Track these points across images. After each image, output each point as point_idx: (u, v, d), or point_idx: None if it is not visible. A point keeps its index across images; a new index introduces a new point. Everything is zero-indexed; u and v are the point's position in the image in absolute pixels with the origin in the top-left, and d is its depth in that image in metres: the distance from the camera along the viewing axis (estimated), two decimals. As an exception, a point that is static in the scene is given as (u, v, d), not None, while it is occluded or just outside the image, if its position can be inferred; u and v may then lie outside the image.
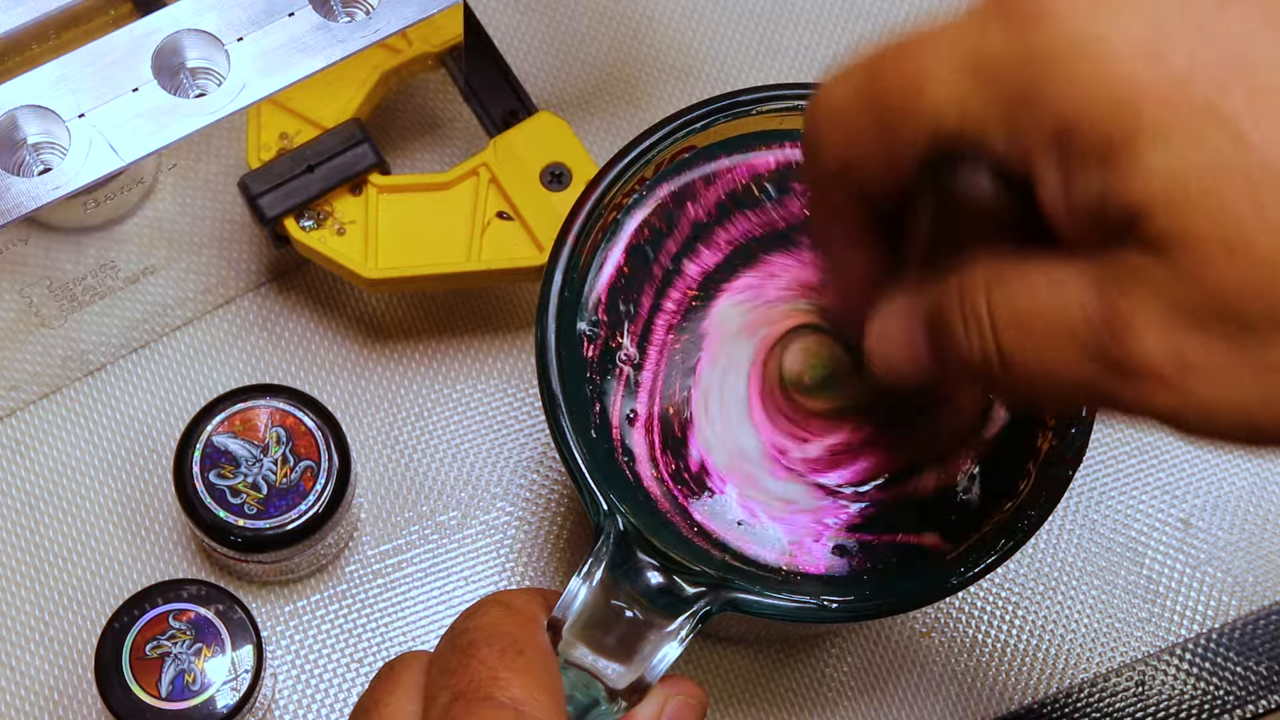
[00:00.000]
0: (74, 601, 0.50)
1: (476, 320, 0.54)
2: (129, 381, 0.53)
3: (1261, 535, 0.53)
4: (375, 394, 0.53)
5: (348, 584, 0.51)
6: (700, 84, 0.58)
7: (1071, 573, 0.52)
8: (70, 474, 0.52)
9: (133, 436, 0.52)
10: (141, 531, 0.51)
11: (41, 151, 0.43)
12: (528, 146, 0.49)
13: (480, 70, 0.51)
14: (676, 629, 0.36)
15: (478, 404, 0.53)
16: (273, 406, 0.47)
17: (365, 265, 0.48)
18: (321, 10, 0.45)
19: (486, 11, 0.57)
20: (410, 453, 0.53)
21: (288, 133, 0.48)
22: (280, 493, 0.46)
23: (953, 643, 0.52)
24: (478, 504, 0.52)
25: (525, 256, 0.49)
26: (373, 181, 0.49)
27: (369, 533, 0.52)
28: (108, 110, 0.43)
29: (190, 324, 0.53)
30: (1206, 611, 0.52)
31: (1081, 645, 0.52)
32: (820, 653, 0.51)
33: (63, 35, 0.47)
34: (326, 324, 0.54)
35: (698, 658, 0.51)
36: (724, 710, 0.50)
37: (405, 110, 0.56)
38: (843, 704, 0.51)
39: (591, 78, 0.57)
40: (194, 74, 0.45)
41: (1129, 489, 0.54)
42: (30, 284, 0.47)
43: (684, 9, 0.59)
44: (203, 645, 0.45)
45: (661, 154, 0.41)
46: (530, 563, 0.52)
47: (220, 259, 0.52)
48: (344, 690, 0.50)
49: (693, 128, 0.41)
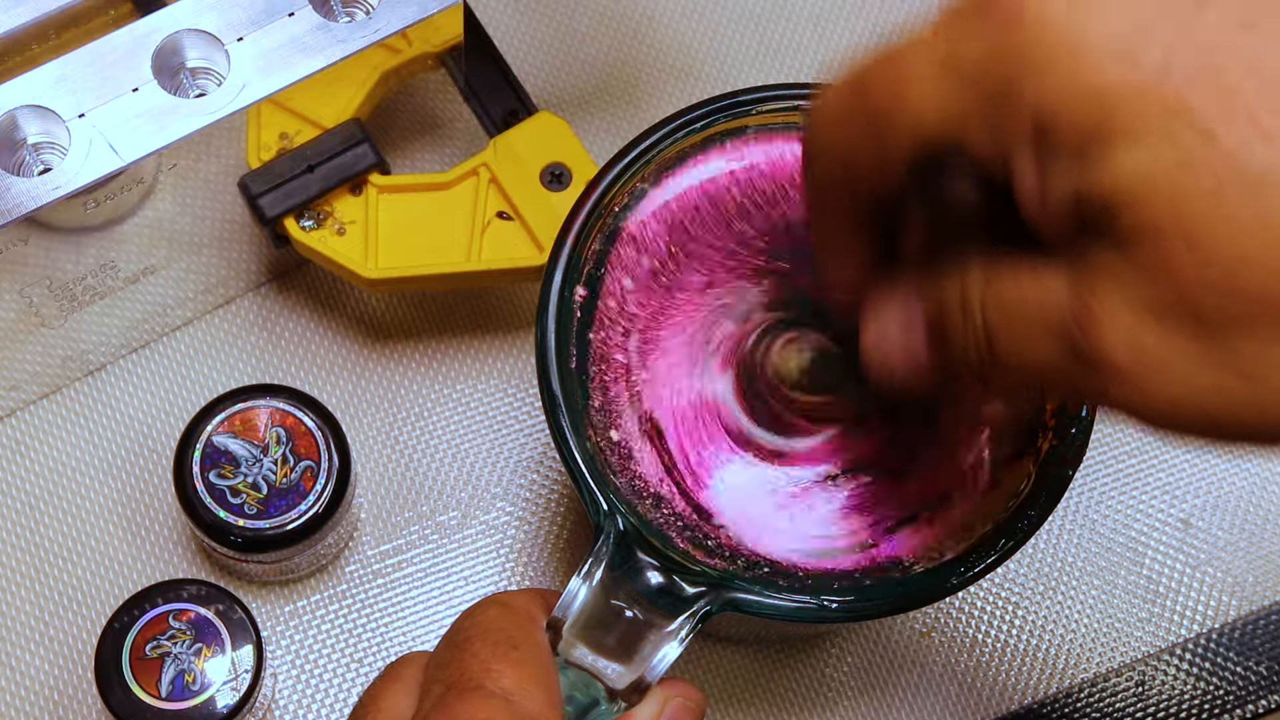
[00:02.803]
0: (74, 601, 0.50)
1: (476, 320, 0.54)
2: (129, 381, 0.53)
3: (1261, 535, 0.53)
4: (375, 394, 0.53)
5: (348, 584, 0.51)
6: (700, 84, 0.58)
7: (1071, 573, 0.52)
8: (70, 474, 0.52)
9: (133, 436, 0.52)
10: (141, 531, 0.51)
11: (41, 151, 0.43)
12: (528, 146, 0.49)
13: (480, 70, 0.51)
14: (676, 629, 0.36)
15: (478, 404, 0.53)
16: (273, 406, 0.47)
17: (365, 265, 0.48)
18: (321, 10, 0.45)
19: (486, 11, 0.57)
20: (410, 453, 0.53)
21: (288, 133, 0.48)
22: (280, 493, 0.46)
23: (953, 643, 0.52)
24: (478, 504, 0.52)
25: (525, 256, 0.49)
26: (373, 181, 0.49)
27: (369, 533, 0.52)
28: (108, 110, 0.43)
29: (190, 324, 0.53)
30: (1206, 611, 0.52)
31: (1081, 645, 0.52)
32: (820, 653, 0.51)
33: (63, 35, 0.47)
34: (326, 324, 0.54)
35: (698, 658, 0.51)
36: (724, 710, 0.50)
37: (405, 110, 0.56)
38: (843, 704, 0.51)
39: (591, 78, 0.58)
40: (194, 74, 0.45)
41: (1129, 489, 0.54)
42: (30, 284, 0.47)
43: (684, 9, 0.59)
44: (203, 645, 0.45)
45: (662, 154, 0.41)
46: (530, 563, 0.52)
47: (220, 259, 0.52)
48: (344, 690, 0.50)
49: (693, 128, 0.41)
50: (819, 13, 0.59)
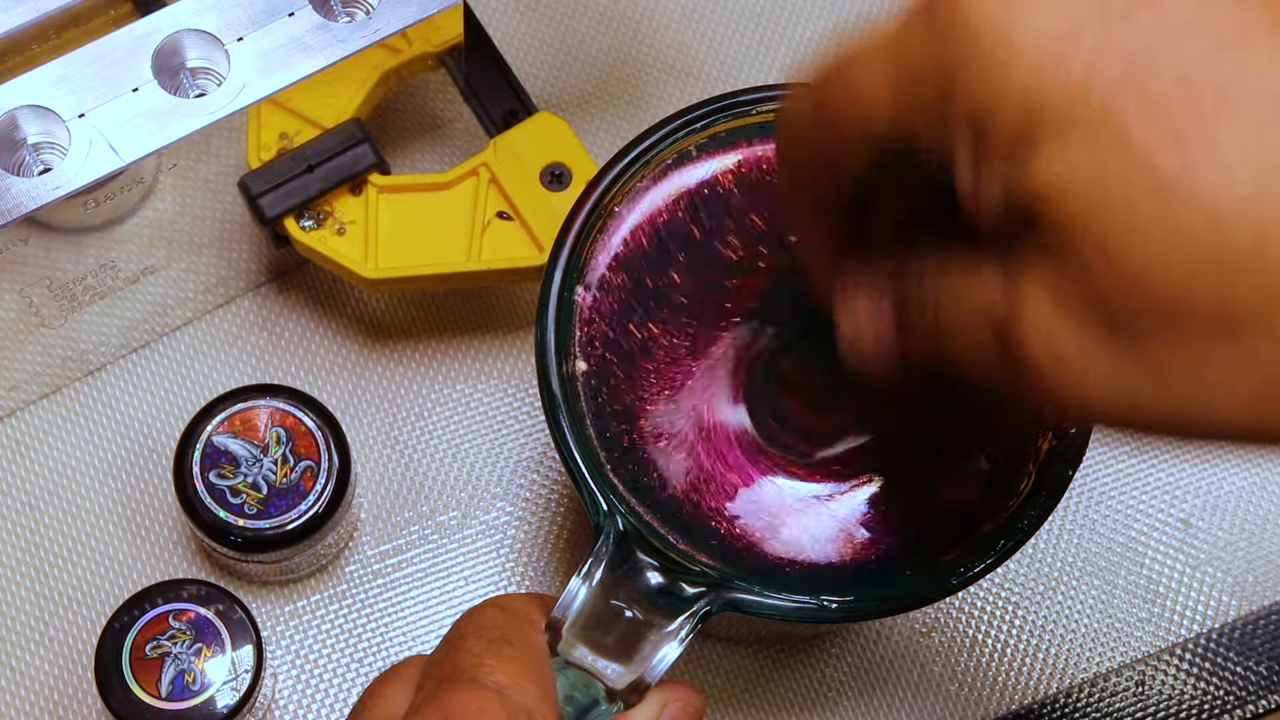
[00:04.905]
0: (74, 601, 0.50)
1: (476, 320, 0.54)
2: (129, 381, 0.53)
3: (1261, 535, 0.53)
4: (375, 394, 0.53)
5: (348, 584, 0.51)
6: (700, 84, 0.58)
7: (1071, 573, 0.52)
8: (70, 474, 0.52)
9: (133, 436, 0.52)
10: (141, 531, 0.51)
11: (41, 151, 0.43)
12: (528, 146, 0.49)
13: (480, 70, 0.51)
14: (676, 629, 0.36)
15: (478, 404, 0.53)
16: (273, 406, 0.47)
17: (365, 265, 0.48)
18: (321, 10, 0.45)
19: (486, 11, 0.57)
20: (410, 453, 0.53)
21: (288, 133, 0.48)
22: (280, 493, 0.46)
23: (953, 643, 0.52)
24: (478, 504, 0.52)
25: (525, 256, 0.49)
26: (373, 181, 0.49)
27: (369, 533, 0.52)
28: (108, 110, 0.43)
29: (190, 324, 0.53)
30: (1206, 611, 0.52)
31: (1081, 645, 0.52)
32: (820, 653, 0.51)
33: (63, 35, 0.47)
34: (326, 324, 0.54)
35: (698, 658, 0.51)
36: (724, 710, 0.50)
37: (405, 110, 0.56)
38: (843, 704, 0.51)
39: (591, 78, 0.58)
40: (194, 74, 0.45)
41: (1129, 489, 0.54)
42: (30, 284, 0.47)
43: (684, 9, 0.59)
44: (203, 645, 0.45)
45: (662, 154, 0.41)
46: (530, 563, 0.52)
47: (220, 259, 0.52)
48: (344, 690, 0.50)
49: (693, 128, 0.41)
50: (819, 13, 0.59)
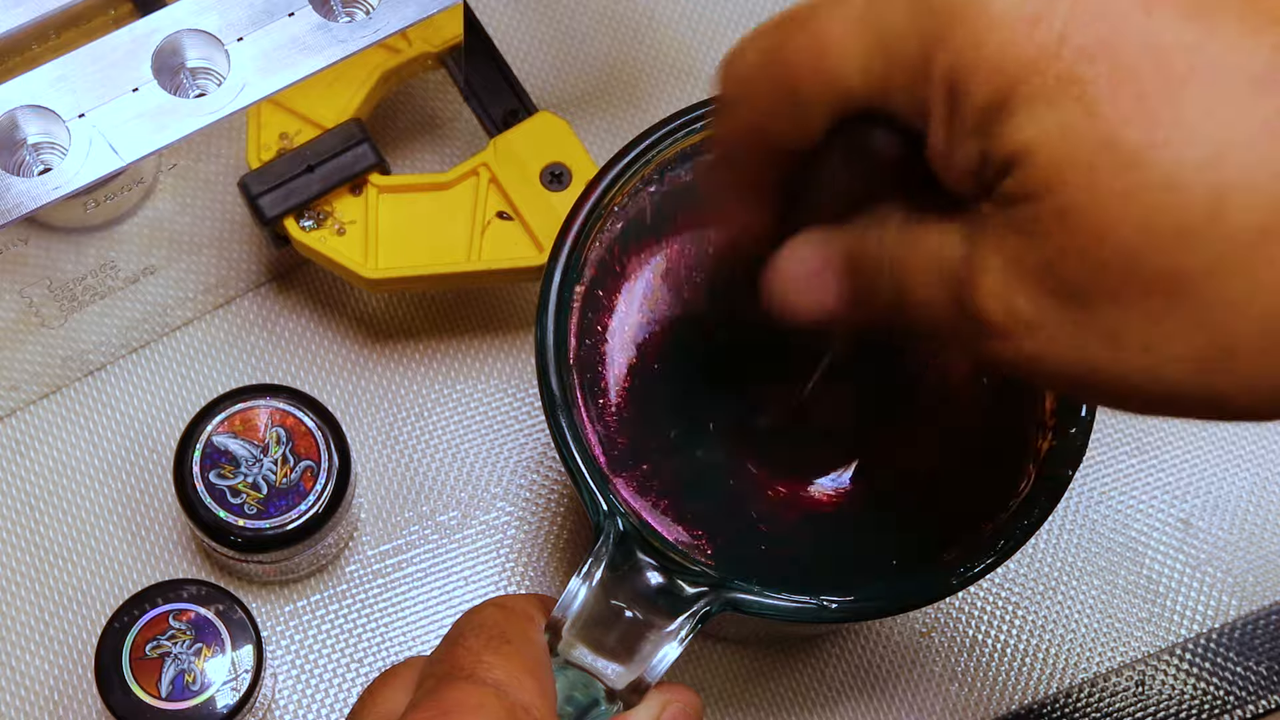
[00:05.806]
0: (74, 601, 0.50)
1: (476, 320, 0.54)
2: (129, 381, 0.53)
3: (1261, 535, 0.53)
4: (375, 394, 0.53)
5: (348, 584, 0.51)
6: (700, 84, 0.58)
7: (1071, 573, 0.52)
8: (70, 474, 0.52)
9: (133, 436, 0.52)
10: (141, 531, 0.51)
11: (41, 151, 0.43)
12: (528, 146, 0.49)
13: (480, 70, 0.51)
14: (676, 629, 0.36)
15: (478, 404, 0.53)
16: (273, 406, 0.47)
17: (365, 265, 0.48)
18: (321, 10, 0.45)
19: (486, 11, 0.57)
20: (410, 453, 0.53)
21: (288, 133, 0.48)
22: (280, 493, 0.46)
23: (953, 643, 0.52)
24: (478, 504, 0.52)
25: (525, 256, 0.49)
26: (373, 181, 0.49)
27: (369, 533, 0.52)
28: (108, 110, 0.43)
29: (190, 324, 0.53)
30: (1206, 611, 0.52)
31: (1081, 645, 0.52)
32: (820, 653, 0.51)
33: (63, 35, 0.47)
34: (326, 324, 0.54)
35: (698, 658, 0.51)
36: (724, 710, 0.50)
37: (405, 110, 0.56)
38: (843, 704, 0.51)
39: (591, 78, 0.58)
40: (194, 74, 0.45)
41: (1129, 489, 0.54)
42: (30, 284, 0.47)
43: (684, 9, 0.59)
44: (203, 645, 0.45)
45: (662, 154, 0.41)
46: (530, 563, 0.52)
47: (220, 259, 0.52)
48: (344, 690, 0.50)
49: (693, 128, 0.41)
50: (819, 13, 0.59)
